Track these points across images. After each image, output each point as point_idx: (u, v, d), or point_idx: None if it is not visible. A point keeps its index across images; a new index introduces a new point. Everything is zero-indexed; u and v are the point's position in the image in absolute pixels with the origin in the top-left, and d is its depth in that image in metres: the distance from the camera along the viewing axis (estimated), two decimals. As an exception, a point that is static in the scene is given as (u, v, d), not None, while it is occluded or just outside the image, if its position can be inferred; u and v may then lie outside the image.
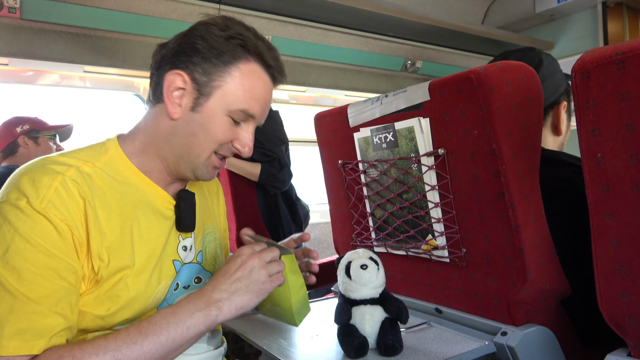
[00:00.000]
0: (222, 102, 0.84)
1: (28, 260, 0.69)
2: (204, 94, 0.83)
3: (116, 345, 0.70)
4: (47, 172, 0.75)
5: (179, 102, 0.84)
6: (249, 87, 0.85)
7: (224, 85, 0.83)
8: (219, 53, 0.83)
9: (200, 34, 0.84)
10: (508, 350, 0.93)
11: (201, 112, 0.84)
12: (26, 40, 2.15)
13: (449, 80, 0.97)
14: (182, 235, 0.92)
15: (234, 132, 0.87)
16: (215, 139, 0.85)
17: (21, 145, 2.12)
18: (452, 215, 1.04)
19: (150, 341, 0.72)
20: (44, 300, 0.70)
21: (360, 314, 0.98)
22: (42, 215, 0.71)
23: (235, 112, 0.85)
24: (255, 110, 0.87)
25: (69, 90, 2.61)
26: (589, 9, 3.12)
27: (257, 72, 0.86)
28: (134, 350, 0.70)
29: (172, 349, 0.74)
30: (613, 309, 0.77)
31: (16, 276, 0.68)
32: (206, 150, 0.86)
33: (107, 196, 0.80)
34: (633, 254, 0.72)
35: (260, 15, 2.49)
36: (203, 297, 0.79)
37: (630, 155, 0.68)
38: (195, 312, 0.76)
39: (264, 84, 0.87)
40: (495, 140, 0.92)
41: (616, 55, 0.67)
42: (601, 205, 0.74)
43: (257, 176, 2.07)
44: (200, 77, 0.83)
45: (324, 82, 3.17)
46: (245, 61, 0.84)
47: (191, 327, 0.76)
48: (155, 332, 0.73)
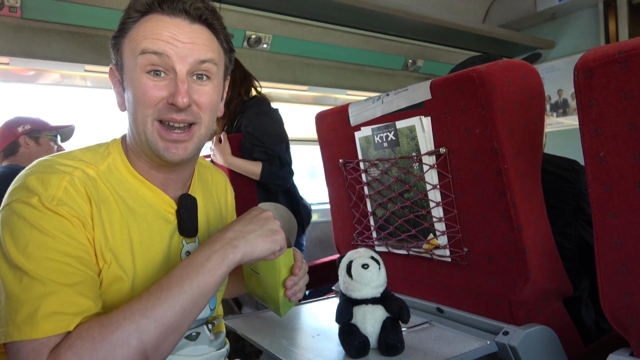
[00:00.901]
0: (128, 62, 0.81)
1: (50, 250, 0.69)
2: (122, 69, 0.83)
3: (141, 305, 0.68)
4: (54, 172, 0.75)
5: (119, 93, 0.86)
6: (142, 32, 0.80)
7: (125, 48, 0.82)
8: (119, 26, 0.83)
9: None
10: (510, 350, 0.93)
11: (126, 87, 0.83)
12: (27, 40, 2.15)
13: (451, 79, 0.97)
14: (185, 239, 0.91)
15: (160, 88, 0.79)
16: (143, 102, 0.79)
17: (22, 145, 2.12)
18: (453, 214, 1.04)
19: (174, 293, 0.69)
20: (74, 285, 0.69)
21: (361, 314, 0.98)
22: (55, 212, 0.71)
23: (140, 60, 0.78)
24: (158, 46, 0.78)
25: (70, 89, 2.60)
26: (591, 8, 3.11)
27: (152, 19, 0.80)
28: (161, 304, 0.68)
29: (199, 296, 0.71)
30: (615, 308, 0.76)
31: (42, 267, 0.68)
32: (144, 121, 0.80)
33: (110, 200, 0.80)
34: (636, 254, 0.71)
35: (261, 15, 2.49)
36: (217, 238, 0.77)
37: (633, 154, 0.68)
38: (213, 255, 0.74)
39: (163, 22, 0.80)
40: (497, 139, 0.92)
41: (619, 53, 0.67)
42: (604, 205, 0.74)
43: (258, 175, 2.07)
44: (115, 57, 0.84)
45: (325, 81, 3.17)
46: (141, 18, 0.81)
47: (212, 270, 0.73)
48: (177, 283, 0.70)
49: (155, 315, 0.68)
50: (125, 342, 0.65)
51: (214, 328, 0.99)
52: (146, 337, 0.66)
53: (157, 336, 0.67)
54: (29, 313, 0.66)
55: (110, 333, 0.65)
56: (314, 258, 3.59)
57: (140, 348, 0.66)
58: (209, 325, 0.96)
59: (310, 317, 1.26)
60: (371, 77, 3.39)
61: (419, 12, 2.68)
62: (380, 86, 3.40)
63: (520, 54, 3.45)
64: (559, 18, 3.30)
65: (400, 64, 3.40)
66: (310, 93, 3.34)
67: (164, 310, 0.68)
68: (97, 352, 0.64)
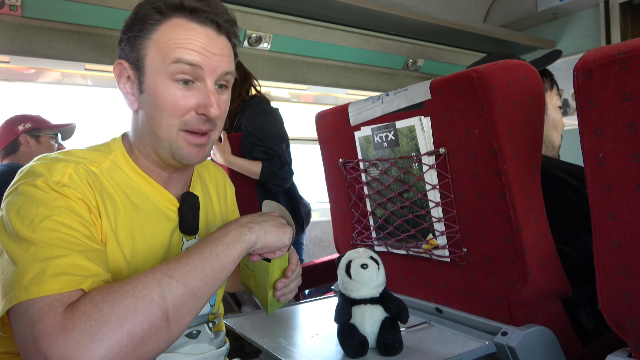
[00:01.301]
0: (155, 67, 0.79)
1: (57, 223, 0.68)
2: (140, 70, 0.80)
3: (163, 266, 0.67)
4: (60, 160, 0.76)
5: (131, 91, 0.83)
6: (174, 39, 0.78)
7: (150, 51, 0.79)
8: (137, 24, 0.80)
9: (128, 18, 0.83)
10: (508, 351, 0.93)
11: (146, 90, 0.80)
12: (27, 38, 2.15)
13: (451, 79, 0.97)
14: (185, 237, 0.91)
15: (189, 98, 0.80)
16: (169, 112, 0.79)
17: (22, 144, 2.12)
18: (452, 214, 1.04)
19: (195, 258, 0.69)
20: (82, 252, 0.68)
21: (360, 313, 0.98)
22: (60, 192, 0.72)
23: (171, 68, 0.78)
24: (193, 57, 0.78)
25: (70, 88, 2.60)
26: (592, 8, 3.11)
27: (181, 25, 0.79)
28: (183, 267, 0.67)
29: (219, 266, 0.70)
30: (614, 309, 0.76)
31: (48, 237, 0.67)
32: (169, 130, 0.80)
33: (114, 196, 0.81)
34: (634, 255, 0.71)
35: (261, 14, 2.49)
36: (233, 222, 0.78)
37: (632, 155, 0.68)
38: (229, 232, 0.74)
39: (194, 32, 0.79)
40: (497, 139, 0.92)
41: (619, 54, 0.67)
42: (603, 206, 0.74)
43: (258, 174, 2.07)
44: (131, 55, 0.81)
45: (325, 80, 3.17)
46: (165, 20, 0.79)
47: (230, 244, 0.73)
48: (197, 252, 0.70)
49: (178, 275, 0.66)
50: (148, 297, 0.63)
51: (215, 327, 0.99)
52: (168, 295, 0.64)
53: (179, 296, 0.65)
54: (36, 273, 0.63)
55: (133, 287, 0.63)
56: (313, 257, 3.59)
57: (162, 305, 0.63)
58: (209, 324, 0.97)
59: (309, 316, 1.26)
60: (371, 76, 3.39)
61: (419, 12, 2.68)
62: (381, 86, 3.40)
63: (521, 53, 3.44)
64: (559, 18, 3.30)
65: (401, 63, 3.40)
66: (310, 92, 3.34)
67: (186, 271, 0.67)
68: (118, 304, 0.61)
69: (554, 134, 1.36)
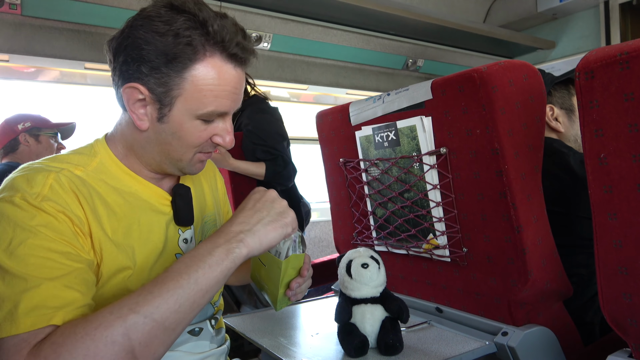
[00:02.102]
0: (186, 109, 0.77)
1: (33, 247, 0.67)
2: (165, 104, 0.77)
3: (131, 300, 0.64)
4: (40, 171, 0.74)
5: (143, 112, 0.79)
6: (211, 87, 0.77)
7: (184, 92, 0.76)
8: (169, 59, 0.74)
9: (143, 35, 0.74)
10: (509, 351, 0.93)
11: (168, 122, 0.79)
12: (27, 37, 2.14)
13: (452, 79, 0.97)
14: (181, 228, 0.91)
15: (209, 131, 0.82)
16: (190, 144, 0.81)
17: (22, 143, 2.11)
18: (453, 214, 1.04)
19: (169, 287, 0.65)
20: (57, 279, 0.66)
21: (360, 313, 0.98)
22: (39, 208, 0.70)
23: (203, 115, 0.79)
24: (225, 107, 0.80)
25: (70, 87, 2.60)
26: (591, 8, 3.11)
27: (217, 65, 0.77)
28: (153, 299, 0.63)
29: (198, 292, 0.66)
30: (615, 309, 0.76)
31: (23, 264, 0.66)
32: (186, 154, 0.83)
33: (103, 198, 0.80)
34: (635, 255, 0.71)
35: (261, 13, 2.48)
36: (222, 232, 0.72)
37: (634, 156, 0.68)
38: (215, 249, 0.69)
39: (229, 75, 0.78)
40: (498, 139, 0.92)
41: (620, 55, 0.67)
42: (604, 206, 0.74)
43: (262, 176, 2.07)
44: (156, 88, 0.76)
45: (325, 80, 3.17)
46: (201, 59, 0.75)
47: (214, 265, 0.68)
48: (173, 277, 0.66)
49: (145, 310, 0.63)
50: (110, 339, 0.60)
51: (216, 324, 0.99)
52: (134, 334, 0.62)
53: (146, 333, 0.62)
54: (9, 309, 0.63)
55: (94, 329, 0.61)
56: (313, 257, 3.59)
57: (127, 345, 0.61)
58: (211, 321, 0.97)
59: (309, 316, 1.26)
60: (371, 76, 3.39)
61: (419, 12, 2.68)
62: (380, 86, 3.40)
63: (521, 54, 3.45)
64: (559, 18, 3.30)
65: (401, 63, 3.40)
66: (310, 92, 3.33)
67: (156, 305, 0.63)
68: (77, 349, 0.59)
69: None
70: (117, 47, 0.78)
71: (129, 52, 0.76)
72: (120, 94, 0.80)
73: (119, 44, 0.78)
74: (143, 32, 0.74)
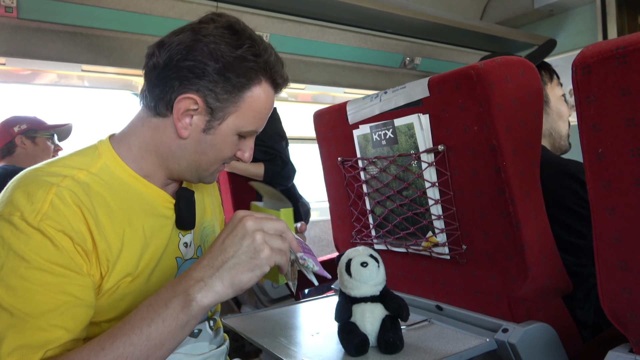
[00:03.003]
0: (234, 125, 0.84)
1: (24, 277, 0.67)
2: (217, 118, 0.82)
3: (82, 356, 0.64)
4: (41, 185, 0.72)
5: (189, 121, 0.82)
6: (259, 109, 0.85)
7: (238, 110, 0.83)
8: (231, 78, 0.80)
9: (210, 50, 0.78)
10: (509, 347, 0.93)
11: (214, 134, 0.84)
12: (23, 40, 2.14)
13: (449, 76, 0.97)
14: (181, 232, 0.91)
15: (238, 145, 0.89)
16: (224, 156, 0.88)
17: (19, 145, 2.11)
18: (452, 212, 1.04)
19: (119, 344, 0.64)
20: (43, 315, 0.67)
21: (360, 312, 0.98)
22: (37, 229, 0.68)
23: (244, 132, 0.87)
24: (260, 127, 0.89)
25: (67, 89, 2.60)
26: (588, 4, 3.11)
27: (267, 91, 0.86)
28: (103, 357, 0.63)
29: (151, 347, 0.65)
30: (614, 304, 0.76)
31: (12, 293, 0.66)
32: (215, 165, 0.89)
33: (108, 202, 0.79)
34: (635, 250, 0.71)
35: (258, 13, 2.48)
36: (184, 278, 0.68)
37: (631, 150, 0.68)
38: (172, 300, 0.66)
39: (271, 100, 0.88)
40: (495, 136, 0.92)
41: (617, 49, 0.67)
42: (602, 201, 0.74)
43: (261, 176, 2.07)
44: (213, 102, 0.81)
45: (322, 79, 3.16)
46: (257, 83, 0.83)
47: (167, 319, 0.65)
48: (126, 332, 0.65)
49: None
50: None
51: (215, 325, 0.99)
52: None
53: None
54: None
55: None
56: (313, 256, 3.58)
57: None
58: (210, 322, 0.96)
59: (309, 315, 1.26)
60: (369, 75, 3.39)
61: (416, 10, 2.68)
62: (378, 84, 3.40)
63: (518, 51, 3.44)
64: (556, 15, 3.30)
65: (398, 61, 3.40)
66: (308, 91, 3.33)
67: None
68: None
69: (560, 124, 1.36)
70: (178, 50, 0.79)
71: (191, 59, 0.78)
72: (164, 97, 0.81)
73: (180, 49, 0.79)
74: (209, 49, 0.78)
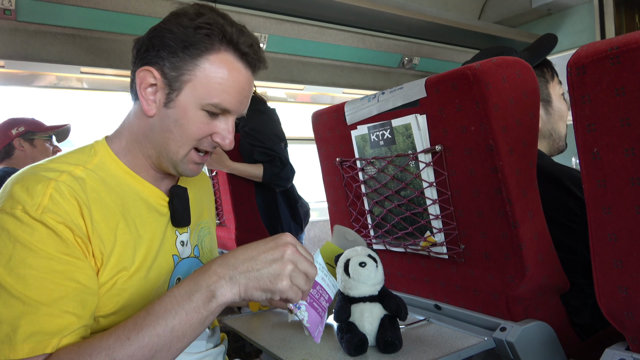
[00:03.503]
0: (193, 96, 0.81)
1: (32, 266, 0.68)
2: (174, 89, 0.81)
3: (109, 344, 0.65)
4: (39, 180, 0.74)
5: (152, 98, 0.83)
6: (220, 80, 0.81)
7: (194, 78, 0.80)
8: (186, 45, 0.79)
9: (169, 26, 0.81)
10: (507, 346, 0.93)
11: (174, 108, 0.82)
12: (22, 42, 2.14)
13: (445, 76, 0.97)
14: (178, 230, 0.92)
15: (211, 126, 0.84)
16: (190, 135, 0.83)
17: (17, 148, 2.11)
18: (450, 211, 1.05)
19: (145, 334, 0.65)
20: (54, 302, 0.68)
21: (359, 312, 0.98)
22: (39, 222, 0.70)
23: (208, 106, 0.82)
24: (230, 104, 0.83)
25: (66, 92, 2.60)
26: (586, 4, 3.12)
27: (229, 62, 0.82)
28: (129, 346, 0.64)
29: (174, 339, 0.66)
30: (611, 303, 0.77)
31: (22, 283, 0.67)
32: (184, 147, 0.84)
33: (103, 197, 0.80)
34: (631, 248, 0.72)
35: (256, 14, 2.48)
36: (206, 273, 0.69)
37: (626, 150, 0.68)
38: (195, 293, 0.67)
39: (238, 74, 0.83)
40: (492, 136, 0.92)
41: (611, 49, 0.67)
42: (598, 200, 0.74)
43: (260, 177, 2.07)
44: (169, 72, 0.81)
45: (321, 79, 3.17)
46: (215, 51, 0.80)
47: (190, 312, 0.66)
48: (151, 323, 0.66)
49: (122, 357, 0.64)
50: None
51: (211, 323, 0.99)
52: None
53: None
54: (7, 333, 0.66)
55: None
56: (312, 257, 3.58)
57: None
58: None
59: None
60: (367, 75, 3.40)
61: (414, 10, 2.68)
62: (377, 84, 3.40)
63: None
64: (554, 14, 3.30)
65: (396, 61, 3.40)
66: (306, 92, 3.34)
67: (132, 352, 0.64)
68: None
69: (560, 124, 1.32)
70: (142, 41, 0.83)
71: (152, 41, 0.82)
72: (134, 78, 0.84)
73: (145, 38, 0.83)
74: (168, 24, 0.81)
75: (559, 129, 1.33)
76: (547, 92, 1.27)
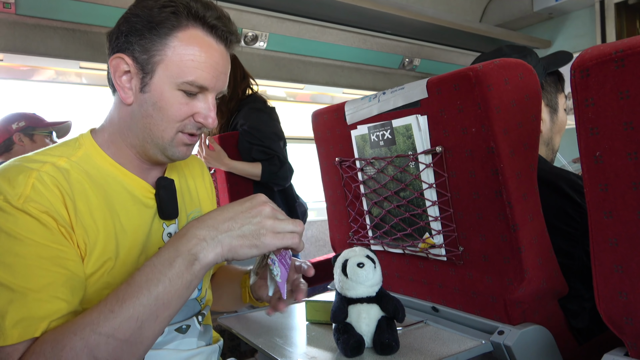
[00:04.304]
0: (167, 76, 0.80)
1: (19, 254, 0.68)
2: (147, 72, 0.80)
3: (92, 319, 0.64)
4: (21, 171, 0.74)
5: (128, 85, 0.82)
6: (192, 56, 0.79)
7: (165, 58, 0.79)
8: (153, 26, 0.78)
9: (135, 10, 0.80)
10: (505, 350, 0.93)
11: (150, 92, 0.81)
12: (21, 36, 2.13)
13: (447, 77, 0.97)
14: (165, 222, 0.91)
15: (190, 107, 0.82)
16: (171, 117, 0.82)
17: (16, 143, 2.10)
18: (449, 213, 1.04)
19: (128, 306, 0.64)
20: (43, 288, 0.68)
21: (356, 313, 0.98)
22: (22, 211, 0.69)
23: (183, 85, 0.80)
24: (205, 80, 0.81)
25: (65, 86, 2.59)
26: (587, 8, 3.12)
27: (199, 37, 0.80)
28: (114, 318, 0.63)
29: (160, 307, 0.65)
30: (610, 308, 0.76)
31: (10, 271, 0.67)
32: (168, 130, 0.83)
33: (86, 189, 0.79)
34: (631, 253, 0.71)
35: (257, 12, 2.48)
36: (185, 236, 0.68)
37: (629, 154, 0.68)
38: (176, 259, 0.66)
39: (210, 49, 0.81)
40: (493, 138, 0.92)
41: (616, 52, 0.66)
42: (600, 204, 0.74)
43: (258, 176, 2.07)
44: (140, 56, 0.80)
45: (321, 79, 3.16)
46: (183, 28, 0.79)
47: (173, 279, 0.65)
48: (134, 293, 0.64)
49: (107, 330, 0.63)
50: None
51: (204, 319, 0.98)
52: (99, 353, 0.62)
53: (111, 351, 0.63)
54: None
55: (60, 350, 0.62)
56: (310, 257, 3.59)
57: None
58: (199, 317, 0.96)
59: (305, 315, 1.26)
60: (367, 75, 3.39)
61: (415, 11, 2.68)
62: (377, 85, 3.40)
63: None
64: (555, 18, 3.31)
65: (397, 62, 3.40)
66: (306, 91, 3.33)
67: (117, 324, 0.63)
68: None
69: (557, 137, 1.31)
70: (112, 31, 0.84)
71: (120, 28, 0.82)
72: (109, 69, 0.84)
73: (114, 28, 0.83)
74: (134, 9, 0.81)
75: (554, 142, 1.32)
76: (556, 101, 1.26)
